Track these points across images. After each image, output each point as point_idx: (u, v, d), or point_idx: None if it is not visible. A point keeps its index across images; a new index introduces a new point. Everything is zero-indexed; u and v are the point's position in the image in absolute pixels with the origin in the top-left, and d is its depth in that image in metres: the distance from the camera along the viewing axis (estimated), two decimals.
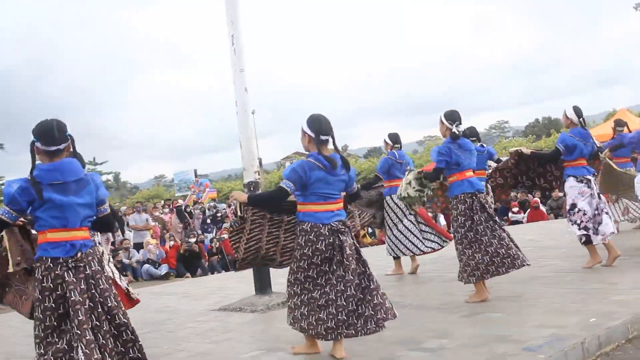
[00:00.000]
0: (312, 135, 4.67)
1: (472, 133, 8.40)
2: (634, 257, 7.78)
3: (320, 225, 4.58)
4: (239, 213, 4.97)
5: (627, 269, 6.97)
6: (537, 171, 7.80)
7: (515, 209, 17.52)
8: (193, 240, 15.69)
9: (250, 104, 7.63)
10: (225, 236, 15.87)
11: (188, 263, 14.54)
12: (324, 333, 4.55)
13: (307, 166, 4.58)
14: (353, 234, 4.85)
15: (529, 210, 16.99)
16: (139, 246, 15.27)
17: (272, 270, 8.21)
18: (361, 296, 4.56)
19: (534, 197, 17.75)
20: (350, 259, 4.55)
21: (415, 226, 8.43)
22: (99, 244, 5.02)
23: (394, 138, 8.69)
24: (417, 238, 8.38)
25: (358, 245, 4.75)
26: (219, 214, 21.98)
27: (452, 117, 6.21)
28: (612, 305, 5.32)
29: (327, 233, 4.58)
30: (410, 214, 8.41)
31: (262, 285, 7.59)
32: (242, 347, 5.46)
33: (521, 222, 16.88)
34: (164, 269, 14.34)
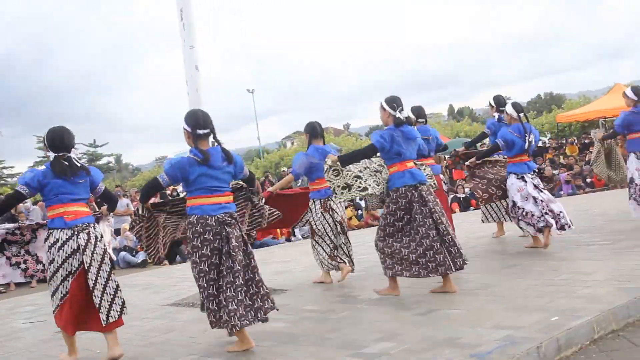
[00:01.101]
0: (190, 130, 4.72)
1: (419, 114, 7.82)
2: (616, 241, 7.28)
3: (207, 217, 4.63)
4: (139, 212, 5.00)
5: (606, 256, 6.47)
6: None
7: None
8: None
9: (201, 83, 7.10)
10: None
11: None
12: (229, 325, 4.60)
13: (187, 163, 4.63)
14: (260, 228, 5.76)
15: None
16: (117, 232, 14.81)
17: (178, 272, 7.78)
18: (245, 288, 4.69)
19: None
20: (237, 250, 4.66)
21: None
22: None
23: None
24: None
25: (245, 238, 4.85)
26: None
27: (394, 102, 5.77)
28: (580, 301, 4.82)
29: (214, 224, 4.63)
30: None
31: None
32: (175, 350, 5.00)
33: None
34: (141, 257, 13.86)
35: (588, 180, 17.07)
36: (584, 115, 23.39)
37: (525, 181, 7.25)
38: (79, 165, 4.84)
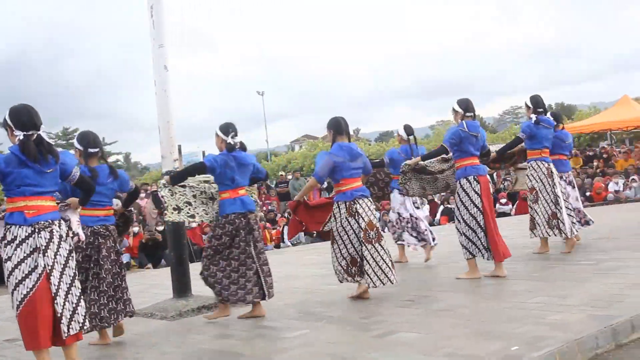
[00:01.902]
0: (81, 149, 5.21)
1: (467, 107, 6.81)
2: (601, 262, 6.91)
3: (84, 227, 5.02)
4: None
5: (586, 278, 6.11)
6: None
7: (504, 200, 16.60)
8: (161, 228, 14.95)
9: (170, 83, 6.81)
10: (194, 225, 15.13)
11: (151, 253, 13.80)
12: (90, 325, 4.83)
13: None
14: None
15: (517, 201, 16.05)
16: None
17: (192, 272, 7.50)
18: (112, 293, 5.30)
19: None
20: (105, 259, 5.23)
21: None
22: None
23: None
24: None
25: (119, 249, 5.49)
26: None
27: (228, 128, 5.86)
28: (547, 328, 4.47)
29: (89, 234, 5.15)
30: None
31: (181, 287, 6.84)
32: None
33: (509, 214, 15.98)
34: (124, 259, 13.59)
35: (587, 194, 16.68)
36: (589, 127, 22.96)
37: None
38: (51, 144, 4.31)
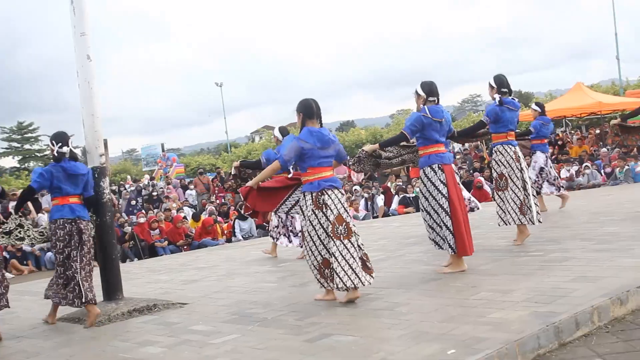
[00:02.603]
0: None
1: (430, 91, 6.44)
2: (548, 252, 6.71)
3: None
4: None
5: (531, 271, 5.88)
6: None
7: None
8: (143, 219, 14.49)
9: (95, 73, 6.39)
10: (142, 220, 14.67)
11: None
12: None
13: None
14: None
15: (471, 190, 15.87)
16: None
17: (124, 272, 7.14)
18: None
19: (479, 175, 16.77)
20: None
21: None
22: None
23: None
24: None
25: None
26: (155, 193, 20.75)
27: (58, 137, 6.03)
28: (486, 328, 4.21)
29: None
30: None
31: (110, 289, 6.45)
32: None
33: None
34: None
35: None
36: None
37: None
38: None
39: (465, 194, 9.39)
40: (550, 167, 10.95)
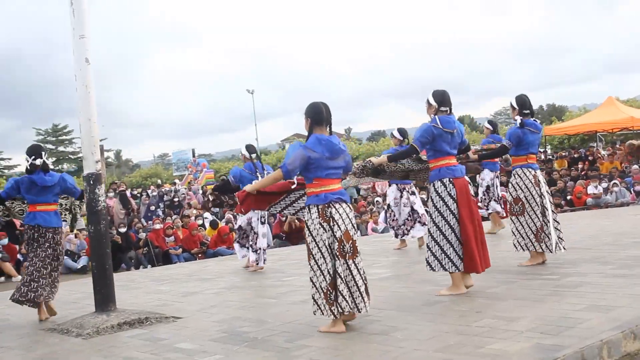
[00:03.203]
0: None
1: (442, 100, 6.10)
2: (565, 276, 6.33)
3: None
4: None
5: (542, 297, 5.51)
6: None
7: (480, 204, 15.96)
8: (123, 230, 14.34)
9: (92, 78, 6.20)
10: (158, 226, 14.52)
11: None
12: None
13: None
14: None
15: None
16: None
17: (126, 280, 6.95)
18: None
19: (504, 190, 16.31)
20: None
21: None
22: None
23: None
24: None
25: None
26: (176, 199, 20.64)
27: (31, 152, 6.60)
28: None
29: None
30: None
31: (103, 300, 6.23)
32: None
33: (486, 219, 15.38)
34: (82, 262, 13.00)
35: (568, 197, 16.12)
36: (574, 128, 22.47)
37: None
38: None
39: None
40: (497, 186, 11.05)
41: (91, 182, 6.16)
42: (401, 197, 10.01)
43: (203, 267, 10.51)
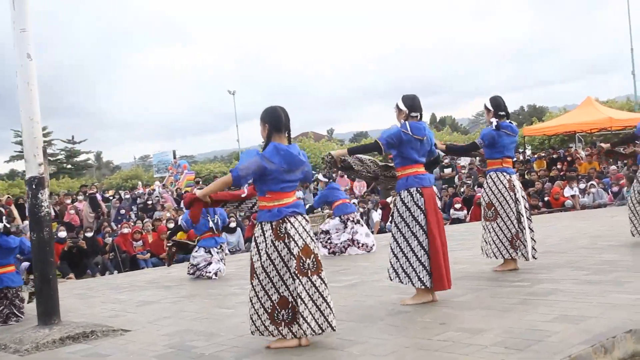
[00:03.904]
0: None
1: (412, 106, 5.84)
2: (536, 283, 6.03)
3: None
4: None
5: (510, 307, 5.20)
6: None
7: (458, 205, 15.71)
8: (90, 234, 13.90)
9: (34, 74, 5.81)
10: (126, 230, 14.09)
11: (74, 262, 12.70)
12: None
13: None
14: None
15: (472, 207, 15.18)
16: None
17: (84, 289, 6.57)
18: None
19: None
20: None
21: None
22: None
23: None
24: None
25: None
26: (150, 202, 20.17)
27: None
28: None
29: None
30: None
31: (46, 312, 5.83)
32: None
33: (463, 221, 15.13)
34: None
35: (546, 199, 15.88)
36: (553, 128, 22.29)
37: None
38: None
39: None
40: None
41: (34, 187, 5.77)
42: (345, 227, 9.95)
43: (167, 274, 10.12)
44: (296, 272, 4.44)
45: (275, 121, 4.61)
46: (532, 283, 6.06)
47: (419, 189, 5.58)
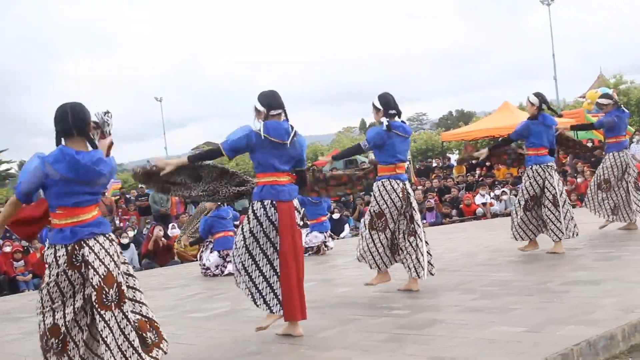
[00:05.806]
0: None
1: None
2: (418, 311, 5.33)
3: None
4: None
5: (381, 342, 4.47)
6: None
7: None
8: (8, 248, 12.67)
9: None
10: (7, 249, 12.87)
11: None
12: None
13: None
14: None
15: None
16: None
17: None
18: None
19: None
20: None
21: None
22: None
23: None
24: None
25: None
26: None
27: None
28: None
29: None
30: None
31: None
32: None
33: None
34: None
35: (460, 206, 15.40)
36: (469, 134, 21.97)
37: None
38: None
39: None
40: None
41: None
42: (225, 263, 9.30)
43: (28, 301, 9.03)
44: (96, 305, 3.58)
45: (63, 123, 3.72)
46: (412, 311, 5.35)
47: (273, 201, 4.79)
